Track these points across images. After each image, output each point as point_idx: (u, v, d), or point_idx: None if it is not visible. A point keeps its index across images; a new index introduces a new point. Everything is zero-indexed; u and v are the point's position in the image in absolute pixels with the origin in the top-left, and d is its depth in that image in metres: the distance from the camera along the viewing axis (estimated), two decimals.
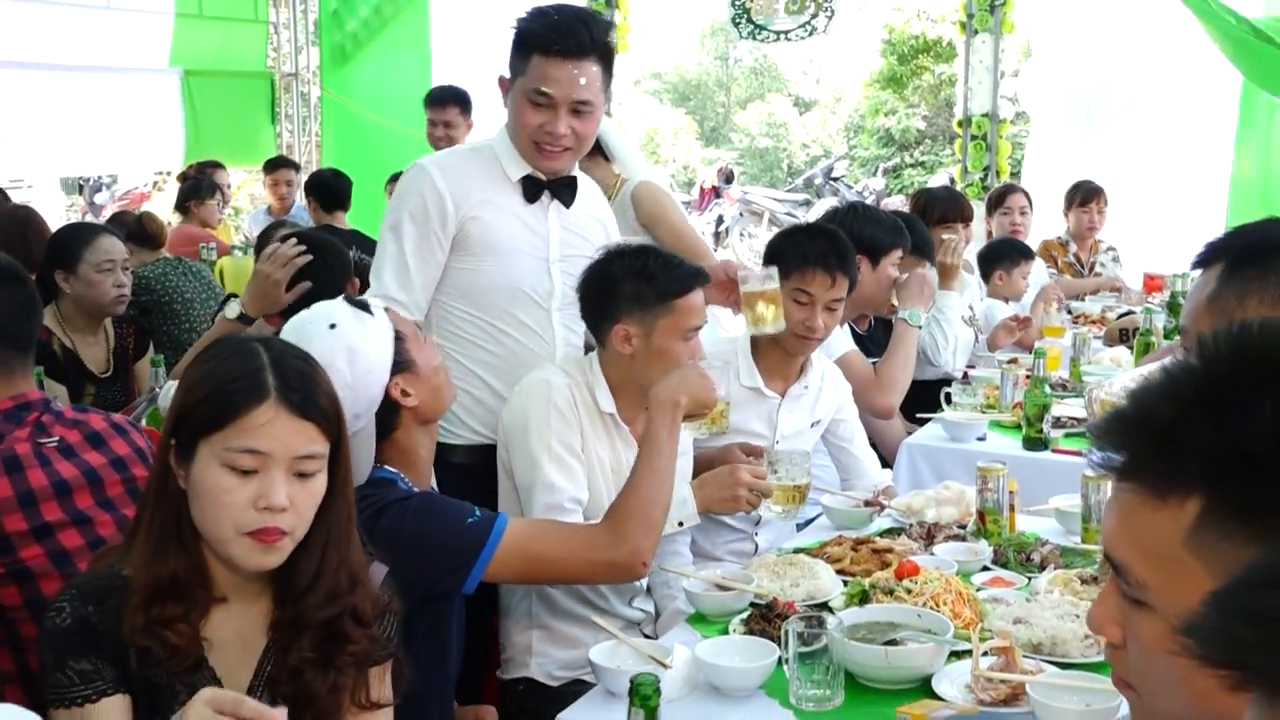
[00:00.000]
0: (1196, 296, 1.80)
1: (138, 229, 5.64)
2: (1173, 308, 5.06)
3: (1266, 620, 0.63)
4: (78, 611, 1.63)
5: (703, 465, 2.91)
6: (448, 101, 6.01)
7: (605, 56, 2.72)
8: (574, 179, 2.87)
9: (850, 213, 3.92)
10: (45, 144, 7.88)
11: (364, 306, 2.17)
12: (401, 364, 2.18)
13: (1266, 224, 1.69)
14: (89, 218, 11.52)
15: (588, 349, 3.61)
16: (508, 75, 2.77)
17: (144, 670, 1.61)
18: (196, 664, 1.65)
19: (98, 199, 13.84)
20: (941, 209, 4.90)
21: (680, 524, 2.62)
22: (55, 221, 5.27)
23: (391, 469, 2.21)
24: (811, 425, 3.24)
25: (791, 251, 3.14)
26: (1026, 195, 6.18)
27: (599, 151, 3.66)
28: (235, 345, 1.75)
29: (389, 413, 2.19)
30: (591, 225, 2.93)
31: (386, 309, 2.22)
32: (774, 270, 2.86)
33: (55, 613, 1.65)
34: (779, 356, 3.15)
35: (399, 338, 2.18)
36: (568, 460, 2.56)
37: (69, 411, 2.31)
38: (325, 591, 1.69)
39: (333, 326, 2.09)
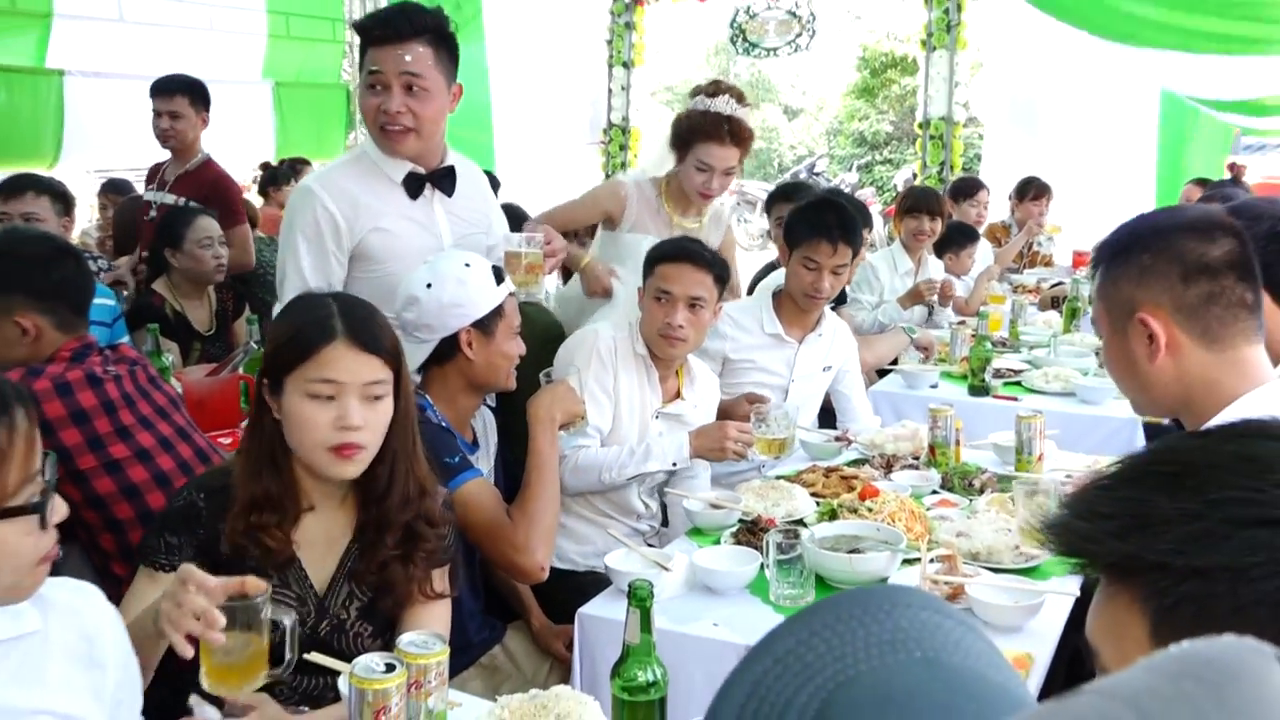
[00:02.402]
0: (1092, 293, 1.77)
1: None
2: None
3: (1099, 515, 0.65)
4: (190, 497, 1.71)
5: (720, 410, 2.95)
6: (175, 91, 4.67)
7: (438, 39, 2.43)
8: (452, 168, 2.57)
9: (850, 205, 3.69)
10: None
11: (500, 277, 2.28)
12: (486, 326, 2.23)
13: (1134, 220, 1.61)
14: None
15: None
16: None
17: (235, 560, 1.63)
18: (289, 559, 1.69)
19: None
20: (911, 200, 4.91)
21: (675, 464, 2.64)
22: None
23: (428, 397, 2.24)
24: (824, 370, 3.25)
25: (802, 225, 3.13)
26: (987, 190, 6.19)
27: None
28: (309, 299, 1.79)
29: (449, 346, 2.24)
30: (475, 208, 2.68)
31: (510, 295, 2.30)
32: (538, 237, 2.52)
33: (177, 495, 1.75)
34: (795, 310, 3.18)
35: (500, 313, 2.24)
36: (598, 395, 2.62)
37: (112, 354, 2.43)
38: (400, 496, 1.73)
39: (467, 265, 2.24)
